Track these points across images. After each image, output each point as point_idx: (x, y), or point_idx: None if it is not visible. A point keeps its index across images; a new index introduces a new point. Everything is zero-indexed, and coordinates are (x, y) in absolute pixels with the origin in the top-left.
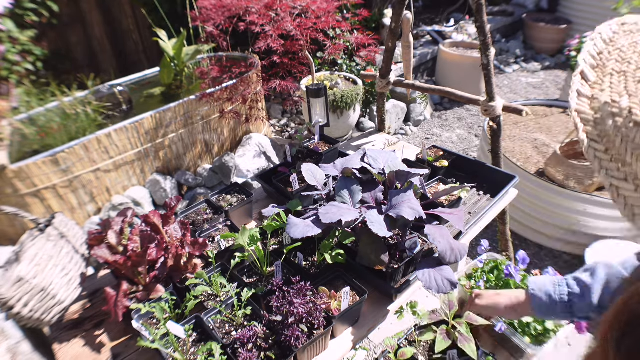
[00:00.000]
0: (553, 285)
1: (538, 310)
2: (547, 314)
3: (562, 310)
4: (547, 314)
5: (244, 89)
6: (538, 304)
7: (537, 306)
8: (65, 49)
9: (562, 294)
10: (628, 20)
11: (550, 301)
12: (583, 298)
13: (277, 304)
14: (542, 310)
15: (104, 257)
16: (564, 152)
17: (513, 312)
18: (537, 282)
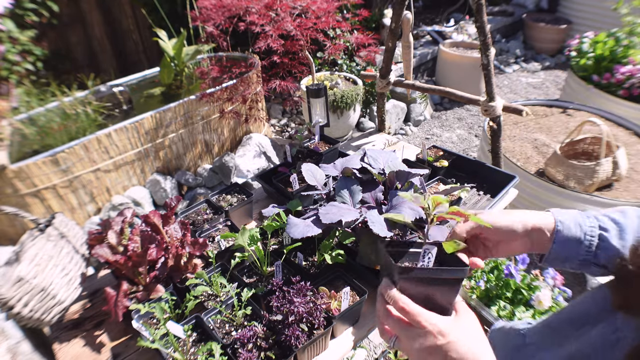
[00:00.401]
0: (582, 217)
1: (558, 248)
2: (565, 255)
3: (584, 253)
4: (564, 256)
5: (244, 89)
6: (563, 238)
7: (560, 242)
8: (65, 49)
9: (592, 228)
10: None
11: (576, 238)
12: (616, 238)
13: (277, 304)
14: (563, 248)
15: (105, 257)
16: (564, 152)
17: (526, 241)
18: (563, 211)
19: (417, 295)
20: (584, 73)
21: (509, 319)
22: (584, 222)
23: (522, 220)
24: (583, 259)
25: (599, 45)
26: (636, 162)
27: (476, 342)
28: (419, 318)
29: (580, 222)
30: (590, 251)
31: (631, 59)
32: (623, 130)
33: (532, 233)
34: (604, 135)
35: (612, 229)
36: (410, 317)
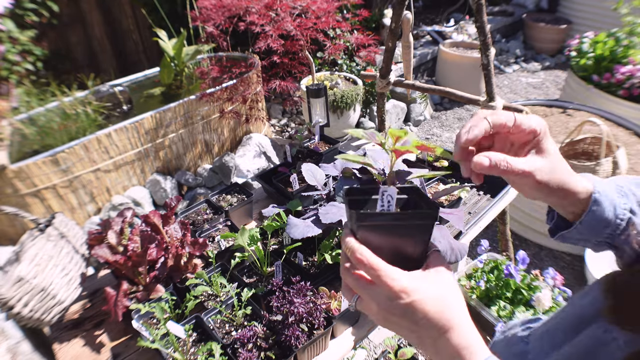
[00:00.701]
0: (618, 193)
1: (583, 228)
2: (585, 237)
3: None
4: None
5: (244, 89)
6: (593, 219)
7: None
8: (65, 49)
9: (625, 211)
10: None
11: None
12: None
13: (277, 304)
14: (589, 230)
15: (105, 257)
16: (564, 152)
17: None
18: (601, 183)
19: (381, 246)
20: (584, 73)
21: (509, 319)
22: (619, 202)
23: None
24: (602, 242)
25: (599, 45)
26: (636, 162)
27: (447, 300)
28: (379, 273)
29: (615, 203)
30: (612, 235)
31: (631, 59)
32: (623, 130)
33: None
34: (604, 135)
35: (638, 213)
36: (369, 271)
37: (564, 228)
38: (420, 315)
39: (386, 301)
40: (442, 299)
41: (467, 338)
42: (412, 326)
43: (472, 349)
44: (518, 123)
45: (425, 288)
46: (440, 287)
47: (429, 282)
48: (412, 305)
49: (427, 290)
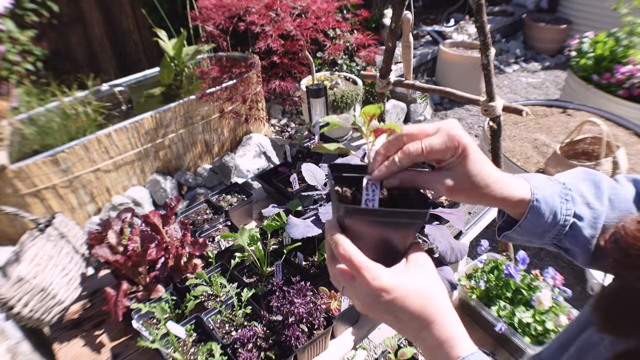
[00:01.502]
0: (559, 197)
1: (525, 229)
2: (530, 235)
3: (549, 239)
4: (529, 236)
5: (244, 89)
6: (531, 223)
7: (529, 225)
8: (65, 49)
9: (567, 217)
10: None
11: (546, 224)
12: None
13: (277, 304)
14: (529, 231)
15: (105, 256)
16: (564, 152)
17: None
18: (541, 186)
19: (366, 238)
20: (584, 73)
21: (509, 318)
22: (560, 208)
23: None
24: (546, 243)
25: (599, 45)
26: (636, 162)
27: (428, 293)
28: (360, 271)
29: (556, 210)
30: (556, 239)
31: (631, 59)
32: (623, 130)
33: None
34: (604, 135)
35: (586, 217)
36: (350, 268)
37: (511, 227)
38: (401, 311)
39: (366, 298)
40: (423, 293)
41: (449, 330)
42: (394, 320)
43: (454, 342)
44: (429, 150)
45: (405, 284)
46: (421, 281)
47: (409, 277)
48: (392, 302)
49: (408, 286)
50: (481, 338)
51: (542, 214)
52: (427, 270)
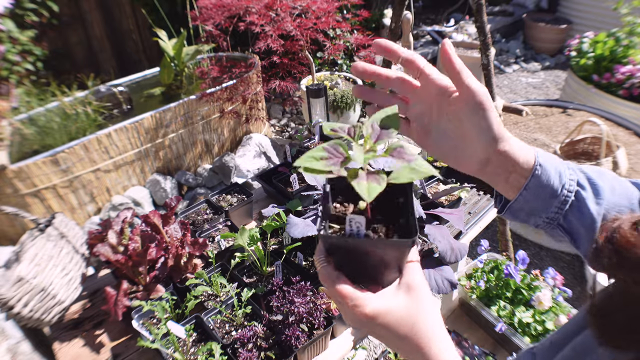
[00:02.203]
0: (562, 164)
1: (529, 196)
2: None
3: (555, 209)
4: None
5: (244, 89)
6: (538, 184)
7: (534, 188)
8: (65, 49)
9: (571, 181)
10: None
11: (553, 188)
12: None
13: (277, 304)
14: (535, 198)
15: (106, 255)
16: (564, 152)
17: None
18: (544, 152)
19: (356, 260)
20: (584, 73)
21: (509, 318)
22: (564, 171)
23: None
24: (552, 217)
25: (599, 45)
26: (636, 162)
27: (416, 320)
28: (344, 299)
29: (560, 170)
30: (562, 209)
31: (631, 59)
32: (623, 130)
33: (501, 160)
34: (604, 135)
35: (587, 189)
36: (334, 295)
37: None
38: (388, 335)
39: (354, 321)
40: (411, 319)
41: (438, 357)
42: (383, 340)
43: None
44: (427, 72)
45: (392, 311)
46: (410, 307)
47: (397, 303)
48: (377, 327)
49: (394, 313)
50: (481, 338)
51: (548, 172)
52: (419, 294)
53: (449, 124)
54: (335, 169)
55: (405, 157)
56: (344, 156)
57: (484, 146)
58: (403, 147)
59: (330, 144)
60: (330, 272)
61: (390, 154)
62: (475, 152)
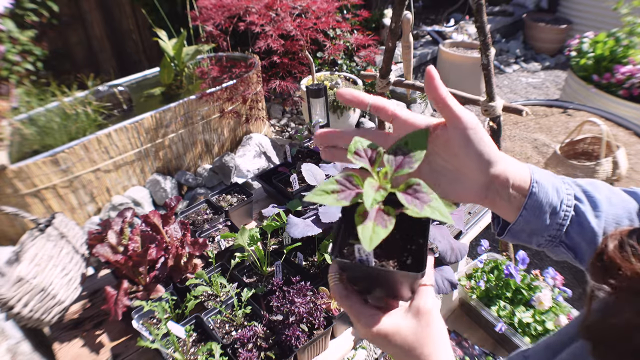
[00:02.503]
0: (558, 179)
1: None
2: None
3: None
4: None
5: (244, 89)
6: (536, 203)
7: (532, 208)
8: (65, 49)
9: (569, 196)
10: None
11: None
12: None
13: (278, 304)
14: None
15: (106, 256)
16: (564, 152)
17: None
18: (539, 169)
19: (367, 281)
20: (584, 73)
21: (509, 318)
22: (561, 186)
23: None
24: (554, 235)
25: (599, 45)
26: (636, 162)
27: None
28: (355, 316)
29: (557, 186)
30: (563, 225)
31: (631, 59)
32: (623, 130)
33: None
34: (604, 135)
35: (585, 201)
36: (346, 310)
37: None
38: (394, 353)
39: (362, 334)
40: (417, 344)
41: None
42: (391, 354)
43: None
44: (401, 116)
45: (400, 332)
46: (417, 332)
47: (406, 325)
48: (385, 346)
49: (401, 335)
50: (481, 338)
51: (545, 189)
52: (428, 319)
53: (441, 159)
54: (346, 203)
55: (421, 198)
56: (357, 190)
57: (481, 172)
58: (420, 184)
59: (343, 176)
60: (341, 290)
61: (405, 191)
62: (474, 181)
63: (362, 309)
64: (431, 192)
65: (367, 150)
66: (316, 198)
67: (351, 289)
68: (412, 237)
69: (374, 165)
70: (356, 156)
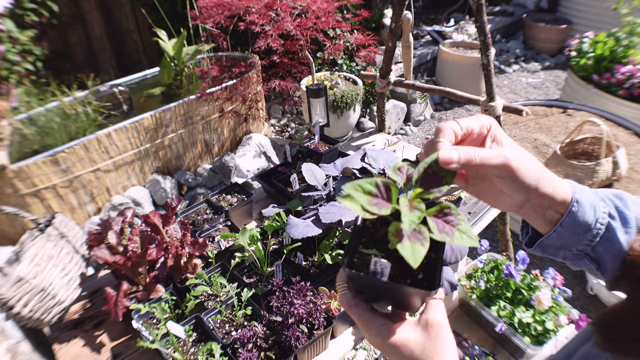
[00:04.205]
0: (596, 197)
1: (563, 232)
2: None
3: (586, 242)
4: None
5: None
6: (573, 222)
7: (568, 225)
8: (65, 49)
9: (604, 214)
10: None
11: (587, 224)
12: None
13: (277, 304)
14: (568, 234)
15: (104, 258)
16: (564, 152)
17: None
18: (580, 186)
19: (376, 289)
20: (584, 73)
21: (509, 318)
22: (598, 205)
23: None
24: (582, 249)
25: (599, 45)
26: (636, 162)
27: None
28: (364, 325)
29: (595, 205)
30: (592, 241)
31: (631, 59)
32: (623, 130)
33: (535, 202)
34: (604, 135)
35: (617, 219)
36: (356, 320)
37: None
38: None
39: (370, 342)
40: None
41: None
42: None
43: None
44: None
45: (407, 344)
46: (426, 345)
47: (414, 338)
48: (393, 353)
49: (409, 346)
50: (481, 338)
51: (584, 209)
52: (437, 333)
53: (485, 187)
54: (375, 212)
55: (450, 222)
56: (391, 205)
57: (523, 196)
58: (450, 208)
59: (384, 182)
60: (349, 299)
61: (435, 215)
62: (514, 200)
63: (371, 317)
64: (459, 214)
65: (405, 168)
66: (351, 190)
67: (360, 298)
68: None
69: (409, 182)
70: (397, 172)
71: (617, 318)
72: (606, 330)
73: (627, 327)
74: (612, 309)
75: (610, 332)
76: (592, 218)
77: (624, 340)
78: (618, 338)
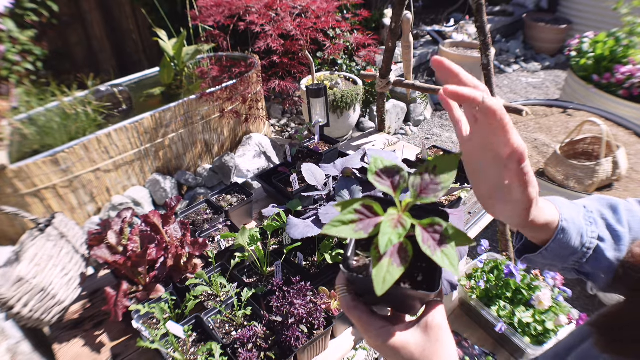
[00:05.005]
0: (584, 221)
1: (549, 255)
2: (550, 262)
3: (572, 263)
4: (548, 262)
5: (244, 89)
6: (558, 246)
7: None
8: (65, 49)
9: (592, 239)
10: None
11: (572, 248)
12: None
13: (277, 304)
14: (553, 256)
15: (104, 258)
16: (564, 152)
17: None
18: (567, 210)
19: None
20: (584, 73)
21: (509, 318)
22: (586, 230)
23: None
24: (568, 268)
25: (599, 45)
26: (636, 162)
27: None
28: (363, 326)
29: (582, 231)
30: (579, 262)
31: (631, 59)
32: (623, 130)
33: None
34: (604, 135)
35: (608, 239)
36: (355, 322)
37: (531, 251)
38: None
39: (369, 343)
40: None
41: None
42: None
43: None
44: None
45: (407, 346)
46: (425, 348)
47: (414, 340)
48: (392, 355)
49: (409, 348)
50: (481, 338)
51: (570, 236)
52: (437, 335)
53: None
54: (363, 234)
55: (437, 239)
56: (377, 220)
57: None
58: (441, 225)
59: (363, 204)
60: (349, 302)
61: (425, 228)
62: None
63: (371, 320)
64: (449, 237)
65: (390, 172)
66: (333, 230)
67: (359, 300)
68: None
69: (397, 190)
70: (377, 178)
71: (617, 320)
72: (606, 332)
73: (627, 330)
74: (611, 311)
75: (611, 334)
76: (579, 244)
77: (625, 342)
78: (618, 340)
